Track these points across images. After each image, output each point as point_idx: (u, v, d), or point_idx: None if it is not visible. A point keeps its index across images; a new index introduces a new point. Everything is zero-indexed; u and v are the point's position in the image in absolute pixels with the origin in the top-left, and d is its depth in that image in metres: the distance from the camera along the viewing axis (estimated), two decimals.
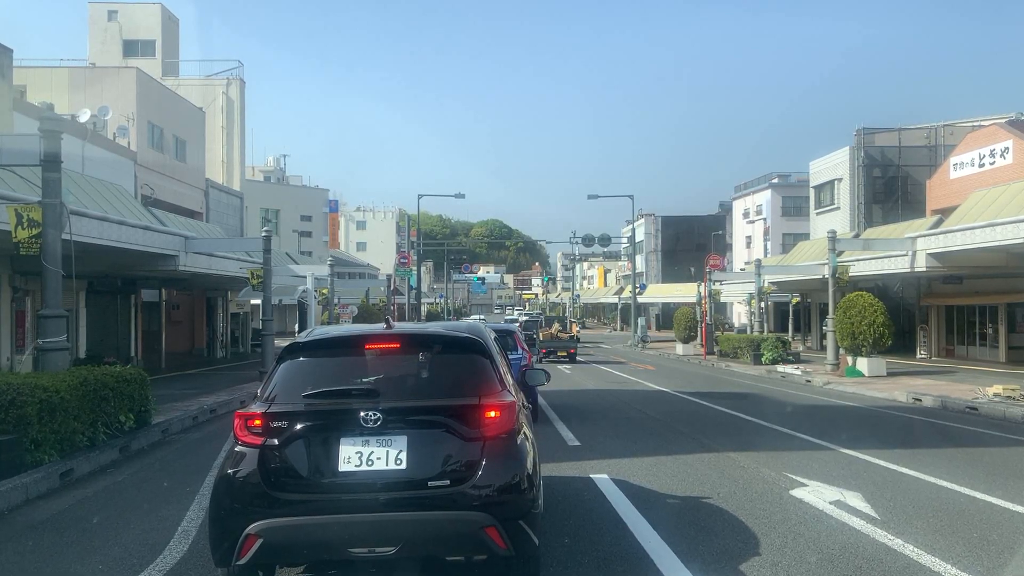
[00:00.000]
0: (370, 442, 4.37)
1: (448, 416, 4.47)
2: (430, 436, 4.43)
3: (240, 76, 44.82)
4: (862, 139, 39.51)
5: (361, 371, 4.77)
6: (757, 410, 15.07)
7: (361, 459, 4.36)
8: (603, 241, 51.11)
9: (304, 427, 4.45)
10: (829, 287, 25.38)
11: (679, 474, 8.46)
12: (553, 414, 14.03)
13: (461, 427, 4.44)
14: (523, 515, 4.43)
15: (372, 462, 4.35)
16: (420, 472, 4.34)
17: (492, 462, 4.42)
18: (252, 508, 4.32)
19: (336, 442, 4.38)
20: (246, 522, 4.27)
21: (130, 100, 30.92)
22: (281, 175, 77.84)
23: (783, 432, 11.92)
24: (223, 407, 15.79)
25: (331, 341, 5.12)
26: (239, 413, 4.62)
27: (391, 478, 4.32)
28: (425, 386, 4.76)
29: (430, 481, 4.34)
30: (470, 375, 4.81)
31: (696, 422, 13.58)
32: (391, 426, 4.38)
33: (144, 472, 9.36)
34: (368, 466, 4.34)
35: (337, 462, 4.36)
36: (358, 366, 4.83)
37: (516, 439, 4.61)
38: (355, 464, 4.35)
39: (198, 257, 23.12)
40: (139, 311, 30.85)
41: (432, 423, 4.47)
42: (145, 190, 30.68)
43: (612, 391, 19.54)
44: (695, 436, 11.56)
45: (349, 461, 4.35)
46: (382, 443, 4.37)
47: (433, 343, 4.97)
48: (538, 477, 4.77)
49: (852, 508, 6.83)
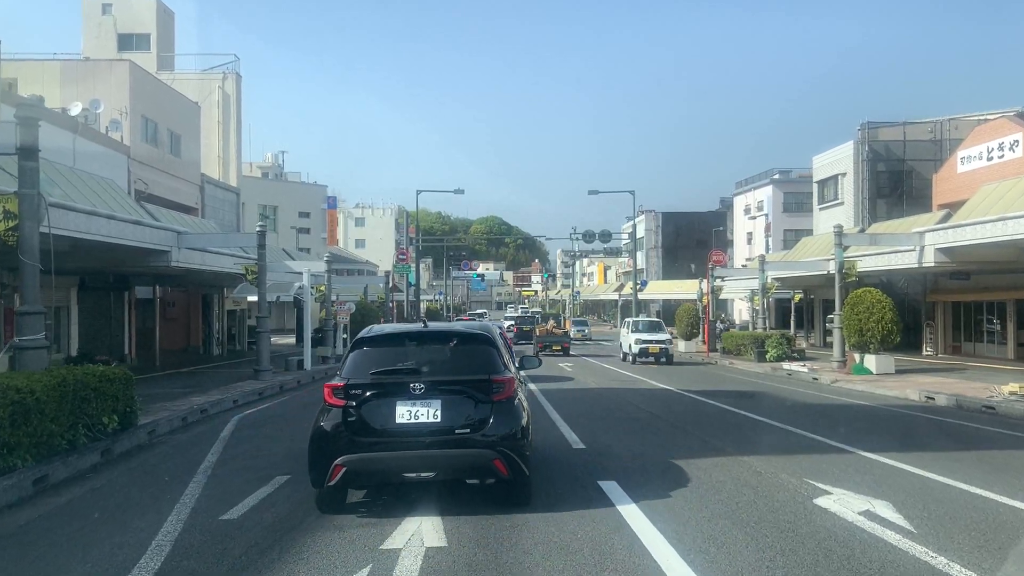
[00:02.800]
0: (416, 404, 6.47)
1: (468, 387, 6.60)
2: (456, 400, 6.55)
3: (236, 71, 44.22)
4: (866, 134, 38.97)
5: (408, 356, 6.84)
6: (766, 410, 14.56)
7: (410, 415, 6.46)
8: (604, 237, 50.53)
9: (372, 394, 6.55)
10: (835, 283, 24.87)
11: (693, 481, 7.93)
12: (556, 414, 13.52)
13: (477, 394, 6.56)
14: (519, 454, 6.53)
15: (418, 417, 6.45)
16: (450, 423, 6.46)
17: (498, 417, 6.52)
18: (338, 448, 6.39)
19: (393, 404, 6.49)
20: (334, 457, 6.35)
21: (123, 94, 30.33)
22: (280, 172, 77.21)
23: (797, 434, 11.40)
24: (215, 407, 15.27)
25: (385, 337, 7.31)
26: (328, 385, 6.68)
27: (430, 427, 6.43)
28: (452, 366, 6.82)
29: (456, 429, 6.45)
30: (482, 359, 6.90)
31: (704, 422, 13.07)
32: (430, 393, 6.50)
33: (125, 477, 8.84)
34: (415, 420, 6.45)
35: (394, 417, 6.46)
36: (405, 353, 6.91)
37: (515, 402, 6.75)
38: (406, 418, 6.45)
39: (191, 253, 22.56)
40: (133, 308, 30.32)
41: (457, 391, 6.58)
42: (139, 185, 30.12)
43: (615, 390, 19.03)
44: (705, 438, 11.05)
45: (402, 416, 6.46)
46: (424, 404, 6.47)
47: (456, 337, 7.15)
48: (530, 429, 6.92)
49: (884, 519, 6.31)
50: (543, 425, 11.87)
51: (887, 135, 39.33)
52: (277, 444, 10.99)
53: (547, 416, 13.33)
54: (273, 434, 12.31)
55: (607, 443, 10.55)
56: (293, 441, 11.02)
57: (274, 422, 13.90)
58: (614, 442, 10.65)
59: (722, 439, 10.88)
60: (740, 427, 12.40)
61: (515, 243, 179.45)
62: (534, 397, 16.25)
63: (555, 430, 11.63)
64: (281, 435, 12.04)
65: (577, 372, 25.22)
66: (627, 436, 11.26)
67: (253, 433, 12.30)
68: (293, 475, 8.32)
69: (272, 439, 11.63)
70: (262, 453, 10.25)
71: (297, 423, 13.63)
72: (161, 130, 33.21)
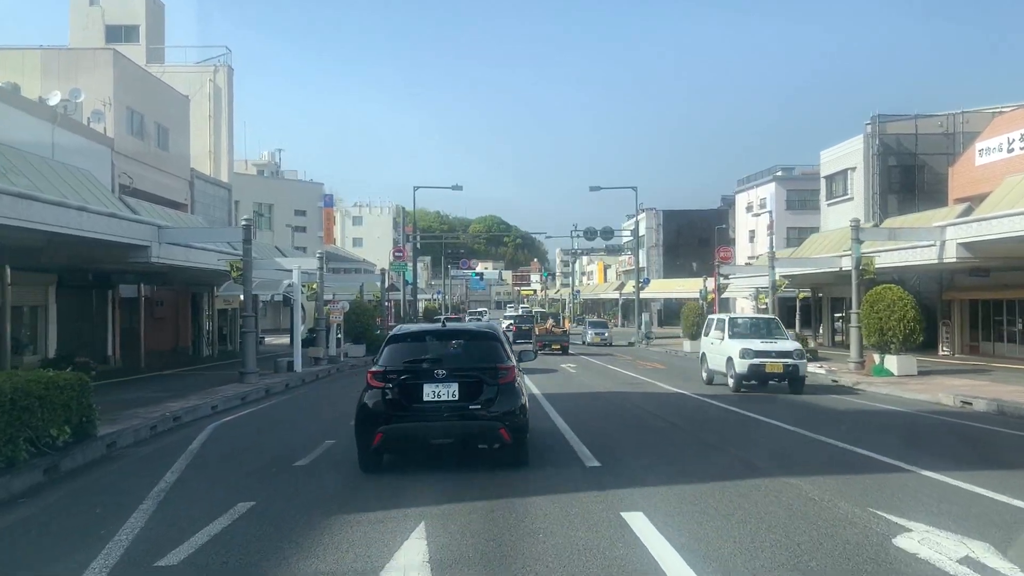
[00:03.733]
0: (439, 386, 8.16)
1: (479, 372, 8.30)
2: (470, 383, 8.22)
3: (228, 63, 42.85)
4: (876, 127, 37.67)
5: (431, 349, 8.62)
6: (793, 416, 13.27)
7: (434, 394, 8.15)
8: (605, 234, 49.27)
9: (404, 378, 8.24)
10: (852, 280, 23.62)
11: (736, 511, 6.62)
12: (563, 423, 12.23)
13: (486, 378, 8.26)
14: (519, 425, 8.28)
15: (440, 396, 8.14)
16: (465, 401, 8.14)
17: (502, 397, 8.23)
18: (379, 419, 8.13)
19: (421, 386, 8.17)
20: (376, 426, 8.11)
21: (107, 84, 28.97)
22: (276, 170, 75.89)
23: (838, 447, 10.09)
24: (190, 414, 13.98)
25: (413, 334, 9.24)
26: (370, 371, 8.45)
27: (450, 404, 8.14)
28: (466, 357, 8.51)
29: (470, 406, 8.14)
30: (490, 351, 8.66)
31: (729, 432, 11.81)
32: (449, 378, 8.18)
33: (65, 502, 7.55)
34: (438, 398, 8.14)
35: (422, 395, 8.15)
36: (429, 347, 8.68)
37: (515, 385, 8.48)
38: (431, 397, 8.14)
39: (174, 249, 21.26)
40: (117, 307, 28.98)
41: (470, 376, 8.25)
42: (124, 179, 28.80)
43: (624, 394, 17.75)
44: (736, 452, 9.78)
45: (428, 395, 8.14)
46: (445, 386, 8.15)
47: (469, 334, 9.21)
48: (527, 407, 8.53)
49: (992, 571, 4.98)
50: (547, 441, 10.61)
51: (897, 128, 38.06)
52: (250, 460, 9.69)
53: (552, 426, 12.06)
54: (247, 447, 11.02)
55: (622, 457, 9.28)
56: (267, 456, 9.76)
57: (252, 433, 12.62)
58: (631, 456, 9.37)
59: (755, 453, 9.61)
60: (770, 438, 11.12)
61: (514, 242, 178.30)
62: (535, 399, 15.01)
63: (562, 442, 10.36)
64: (256, 448, 10.75)
65: (584, 374, 23.96)
66: (645, 450, 9.99)
67: (225, 446, 11.01)
68: (258, 502, 7.05)
69: (245, 453, 10.34)
70: (230, 472, 8.97)
71: (276, 432, 12.38)
72: (148, 122, 31.88)
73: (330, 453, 9.84)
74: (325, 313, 29.30)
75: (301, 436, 11.42)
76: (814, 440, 10.74)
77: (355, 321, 33.71)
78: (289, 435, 11.82)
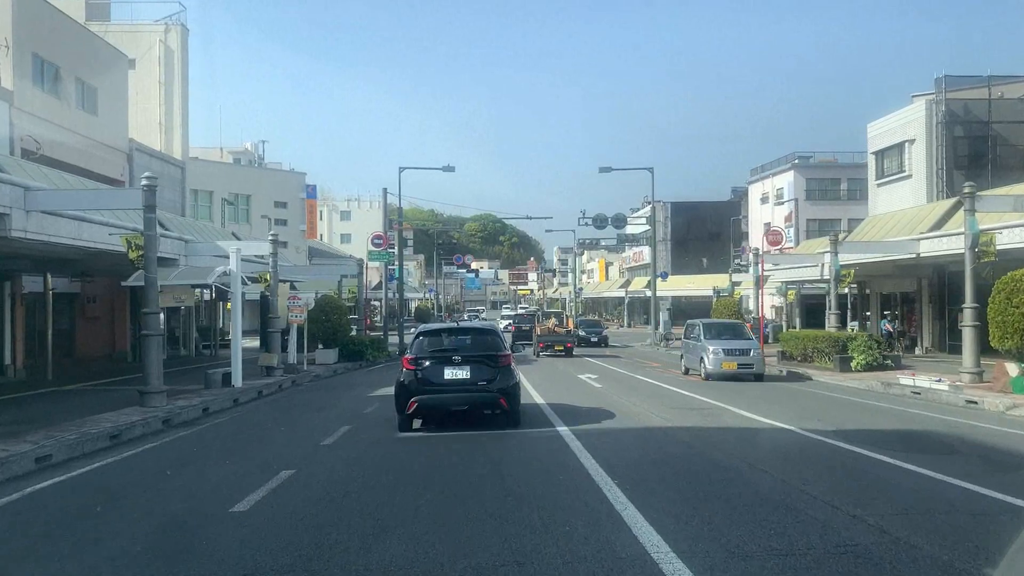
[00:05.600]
0: (455, 368, 11.67)
1: (485, 359, 11.86)
2: (478, 366, 11.74)
3: (182, 22, 36.98)
4: (944, 91, 31.91)
5: (448, 341, 12.41)
6: (989, 477, 7.52)
7: (452, 374, 11.64)
8: (617, 222, 43.30)
9: (430, 362, 11.79)
10: (966, 264, 18.01)
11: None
12: (615, 490, 6.37)
13: (490, 362, 11.82)
14: (513, 396, 11.83)
15: (456, 375, 11.64)
16: (475, 379, 11.65)
17: (502, 375, 11.76)
18: (412, 392, 11.59)
19: (443, 368, 11.69)
20: (411, 397, 11.56)
21: (4, 22, 23.10)
22: (257, 160, 69.96)
23: None
24: (48, 458, 8.12)
25: (435, 330, 13.09)
26: (404, 357, 12.19)
27: (464, 381, 11.64)
28: (475, 346, 12.19)
29: (479, 382, 11.64)
30: (492, 342, 12.39)
31: (917, 516, 6.00)
32: (463, 363, 11.72)
33: None
34: (455, 377, 11.64)
35: (443, 375, 11.65)
36: (447, 340, 12.46)
37: (512, 368, 12.12)
38: (450, 376, 11.64)
39: (57, 222, 15.37)
40: (17, 304, 23.02)
41: (479, 362, 11.77)
42: (27, 143, 22.91)
43: (702, 431, 11.80)
44: (943, 558, 3.96)
45: (448, 375, 11.65)
46: (460, 368, 11.67)
47: (476, 330, 13.09)
48: (520, 383, 12.65)
49: None
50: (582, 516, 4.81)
51: (966, 95, 32.33)
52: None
53: (592, 483, 6.23)
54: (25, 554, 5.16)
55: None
56: None
57: (69, 515, 6.73)
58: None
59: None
60: (991, 527, 5.33)
61: (510, 241, 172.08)
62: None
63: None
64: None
65: (613, 390, 18.13)
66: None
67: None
68: None
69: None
70: None
71: (115, 516, 6.23)
72: (65, 77, 26.00)
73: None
74: (281, 311, 23.45)
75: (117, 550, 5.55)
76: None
77: (323, 321, 27.83)
78: (133, 523, 5.92)
